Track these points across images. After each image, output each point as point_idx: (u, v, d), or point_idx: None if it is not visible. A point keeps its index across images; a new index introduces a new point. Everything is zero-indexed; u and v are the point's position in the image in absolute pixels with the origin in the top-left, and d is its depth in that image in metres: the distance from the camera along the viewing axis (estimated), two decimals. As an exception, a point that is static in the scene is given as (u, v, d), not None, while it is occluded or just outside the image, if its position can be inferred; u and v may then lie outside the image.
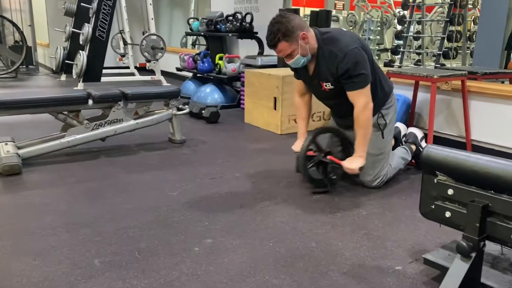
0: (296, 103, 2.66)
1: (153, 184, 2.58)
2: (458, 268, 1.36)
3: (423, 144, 2.86)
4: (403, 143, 2.96)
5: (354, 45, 2.22)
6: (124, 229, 1.99)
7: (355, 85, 2.25)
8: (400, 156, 2.71)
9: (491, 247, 1.49)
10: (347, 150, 2.50)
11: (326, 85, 2.35)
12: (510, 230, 1.30)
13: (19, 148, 2.88)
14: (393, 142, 2.94)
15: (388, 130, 2.51)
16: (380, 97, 2.45)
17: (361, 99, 2.26)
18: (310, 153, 2.44)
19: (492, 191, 1.34)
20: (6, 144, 2.87)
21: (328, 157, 2.44)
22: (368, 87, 2.27)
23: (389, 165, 2.58)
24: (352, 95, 2.28)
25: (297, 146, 2.51)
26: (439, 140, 3.25)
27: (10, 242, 1.86)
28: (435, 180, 1.49)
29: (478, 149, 3.10)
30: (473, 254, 1.36)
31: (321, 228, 2.04)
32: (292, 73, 2.65)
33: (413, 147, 2.84)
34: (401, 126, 3.02)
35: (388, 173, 2.56)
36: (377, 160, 2.48)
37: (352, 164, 2.32)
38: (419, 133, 2.90)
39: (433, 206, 1.51)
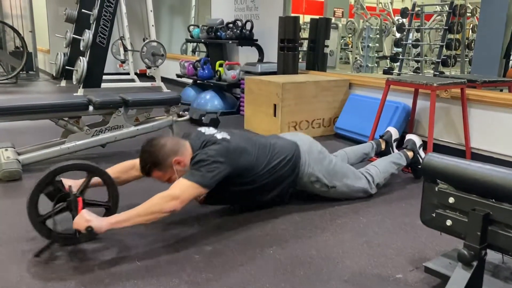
0: (123, 164, 2.25)
1: (152, 191, 2.54)
2: (460, 277, 1.36)
3: (421, 151, 2.86)
4: (394, 147, 2.96)
5: (216, 153, 1.97)
6: (124, 236, 1.98)
7: (188, 175, 1.92)
8: (391, 161, 2.67)
9: (492, 256, 1.49)
10: (113, 200, 2.00)
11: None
12: (511, 238, 1.30)
13: (19, 154, 2.88)
14: (383, 146, 2.94)
15: (331, 178, 2.34)
16: (289, 176, 2.25)
17: (176, 190, 1.87)
18: (67, 187, 1.87)
19: (493, 200, 1.35)
20: (6, 150, 2.87)
21: (78, 198, 1.85)
22: (196, 189, 1.89)
23: (376, 168, 2.55)
24: (178, 181, 1.91)
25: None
26: (439, 148, 3.26)
27: (9, 248, 1.86)
28: (436, 188, 1.49)
29: (478, 157, 3.11)
30: (475, 263, 1.36)
31: (321, 235, 2.04)
32: (292, 80, 2.64)
33: (410, 153, 2.82)
34: (392, 130, 3.02)
35: (375, 177, 2.51)
36: (353, 193, 2.45)
37: (84, 216, 1.72)
38: (417, 140, 2.90)
39: (434, 214, 1.51)
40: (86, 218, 1.71)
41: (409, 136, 2.94)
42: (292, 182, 2.29)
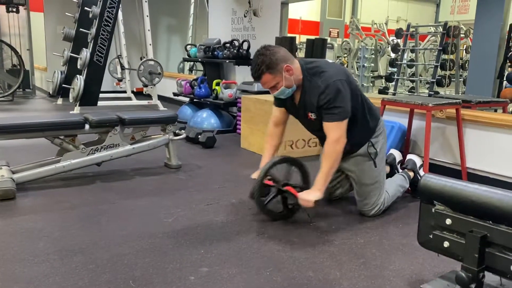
0: (269, 131, 2.59)
1: (148, 210, 2.55)
2: (458, 300, 1.35)
3: (421, 172, 2.87)
4: (399, 169, 2.97)
5: (337, 77, 2.22)
6: (119, 256, 1.96)
7: (331, 117, 2.23)
8: (398, 184, 2.70)
9: (489, 278, 1.48)
10: (307, 181, 2.44)
11: (311, 115, 2.35)
12: (509, 261, 1.30)
13: (13, 172, 2.86)
14: (388, 169, 2.95)
15: (379, 158, 2.51)
16: (369, 126, 2.46)
17: (334, 132, 2.23)
18: (269, 182, 2.36)
19: (491, 222, 1.34)
20: (1, 168, 2.85)
21: (286, 187, 2.34)
22: (345, 122, 2.24)
23: (386, 192, 2.58)
24: (327, 127, 2.25)
25: (257, 175, 2.39)
26: (435, 168, 3.26)
27: (1, 269, 1.82)
28: (433, 210, 1.49)
29: (474, 177, 3.11)
30: (473, 286, 1.35)
31: (318, 256, 2.02)
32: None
33: (411, 174, 2.84)
34: (396, 153, 3.03)
35: (386, 201, 2.55)
36: (372, 189, 2.48)
37: (308, 196, 2.21)
38: (418, 161, 2.91)
39: (431, 236, 1.50)
40: (307, 199, 2.19)
41: (409, 156, 2.96)
42: (372, 132, 2.47)
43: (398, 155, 3.02)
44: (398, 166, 2.99)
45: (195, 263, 1.92)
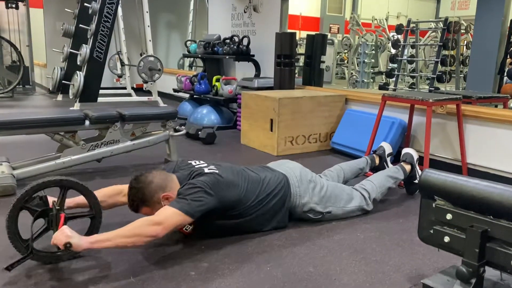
0: (113, 187, 2.20)
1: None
2: (458, 295, 1.35)
3: (417, 166, 2.87)
4: (388, 162, 2.96)
5: (202, 184, 1.94)
6: (118, 252, 1.96)
7: (174, 202, 1.89)
8: (387, 175, 2.66)
9: (490, 273, 1.48)
10: (94, 227, 1.96)
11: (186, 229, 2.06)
12: (509, 256, 1.30)
13: (14, 168, 2.86)
14: (377, 161, 2.94)
15: (324, 205, 2.32)
16: (280, 208, 2.23)
17: (161, 216, 1.83)
18: (50, 199, 1.86)
19: (491, 216, 1.34)
20: (1, 164, 2.85)
21: (61, 214, 1.81)
22: (181, 217, 1.84)
23: (372, 183, 2.54)
24: (163, 208, 1.89)
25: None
26: (435, 164, 3.26)
27: (2, 266, 1.82)
28: (434, 205, 1.49)
29: (474, 172, 3.11)
30: (473, 280, 1.35)
31: (318, 252, 2.02)
32: (288, 95, 2.65)
33: (408, 167, 2.81)
34: (386, 145, 3.02)
35: (371, 192, 2.50)
36: (349, 213, 2.43)
37: (64, 233, 1.68)
38: (415, 154, 2.90)
39: (431, 231, 1.50)
40: (66, 234, 1.66)
41: (406, 150, 2.94)
42: (283, 218, 2.24)
43: (388, 148, 3.01)
44: (388, 159, 2.97)
45: (196, 258, 1.92)
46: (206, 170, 2.07)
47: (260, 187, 2.16)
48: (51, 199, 1.88)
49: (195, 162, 2.19)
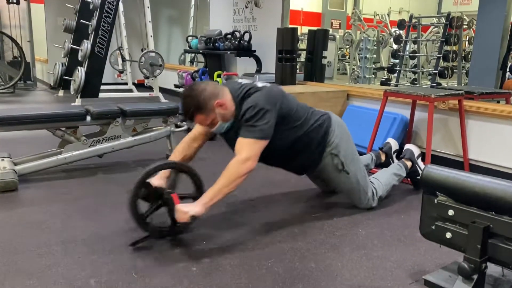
0: (183, 142, 2.31)
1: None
2: (460, 291, 1.35)
3: (420, 161, 2.86)
4: (394, 159, 2.95)
5: (263, 99, 2.07)
6: (121, 247, 1.96)
7: (248, 133, 2.03)
8: (392, 172, 2.67)
9: (491, 269, 1.48)
10: (200, 193, 2.08)
11: None
12: (511, 251, 1.29)
13: (15, 164, 2.86)
14: (383, 157, 2.94)
15: (349, 162, 2.36)
16: (319, 140, 2.31)
17: (246, 151, 2.00)
18: (157, 184, 2.02)
19: (493, 213, 1.34)
20: (3, 160, 2.85)
21: (172, 194, 1.99)
22: (261, 143, 2.03)
23: (378, 181, 2.55)
24: (240, 143, 2.04)
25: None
26: (437, 159, 3.26)
27: (4, 261, 1.83)
28: (436, 201, 1.48)
29: (476, 168, 3.10)
30: (475, 276, 1.35)
31: (320, 248, 2.02)
32: (290, 90, 2.64)
33: (409, 163, 2.81)
34: (392, 142, 3.02)
35: (378, 190, 2.52)
36: (357, 192, 2.44)
37: (183, 209, 1.90)
38: (416, 150, 2.89)
39: (433, 227, 1.50)
40: (184, 211, 1.89)
41: (407, 146, 2.94)
42: (321, 148, 2.32)
43: (394, 144, 3.00)
44: (394, 156, 2.97)
45: (197, 254, 1.93)
46: (259, 85, 2.18)
47: (308, 111, 2.32)
48: (154, 183, 2.03)
49: (240, 80, 2.31)
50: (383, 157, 2.93)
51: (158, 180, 2.05)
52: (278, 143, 2.18)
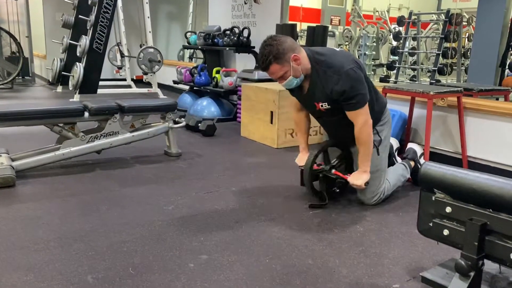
0: (295, 117, 2.67)
1: (148, 198, 2.55)
2: (457, 287, 1.35)
3: (422, 160, 2.86)
4: (396, 158, 2.96)
5: (349, 65, 2.22)
6: (118, 244, 1.96)
7: (353, 106, 2.26)
8: (399, 174, 2.69)
9: (488, 266, 1.48)
10: (349, 165, 2.58)
11: (322, 105, 2.35)
12: (508, 249, 1.29)
13: (13, 160, 2.86)
14: None
15: (383, 146, 2.51)
16: (375, 113, 2.45)
17: (360, 118, 2.28)
18: (315, 167, 2.48)
19: (491, 210, 1.33)
20: (1, 156, 2.84)
21: (333, 171, 2.48)
22: (367, 105, 2.29)
23: (388, 181, 2.57)
24: (351, 115, 2.30)
25: (301, 160, 2.58)
26: (435, 156, 3.26)
27: (1, 256, 1.83)
28: (433, 198, 1.48)
29: (474, 165, 3.11)
30: (472, 273, 1.34)
31: (317, 244, 2.02)
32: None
33: (412, 163, 2.83)
34: (392, 140, 3.02)
35: (386, 190, 2.55)
36: (373, 178, 2.47)
37: (358, 180, 2.35)
38: (418, 150, 2.89)
39: (431, 224, 1.50)
40: (359, 182, 2.34)
41: (410, 145, 2.95)
42: (377, 118, 2.48)
43: (395, 143, 3.01)
44: (396, 154, 2.98)
45: (195, 250, 1.92)
46: (334, 49, 2.44)
47: (371, 83, 2.47)
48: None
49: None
50: None
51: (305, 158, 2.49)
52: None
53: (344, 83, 2.20)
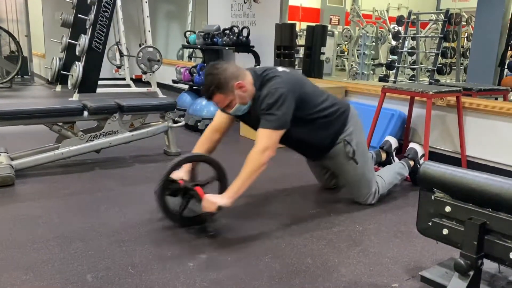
0: (204, 135, 2.38)
1: (147, 197, 2.54)
2: (456, 287, 1.35)
3: (422, 161, 2.86)
4: (394, 157, 2.96)
5: (282, 85, 2.10)
6: (118, 243, 1.96)
7: (266, 123, 2.09)
8: (396, 172, 2.70)
9: (488, 265, 1.48)
10: (224, 185, 2.18)
11: None
12: (507, 248, 1.30)
13: (12, 159, 2.85)
14: (384, 156, 2.94)
15: (359, 153, 2.40)
16: (335, 128, 2.36)
17: (264, 141, 2.07)
18: (181, 181, 2.11)
19: (490, 209, 1.34)
20: (0, 155, 2.84)
21: (195, 187, 2.08)
22: (278, 132, 2.09)
23: (382, 179, 2.57)
24: (259, 133, 2.11)
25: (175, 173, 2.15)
26: (434, 156, 3.26)
27: (0, 255, 1.83)
28: (432, 197, 1.48)
29: (473, 165, 3.11)
30: (471, 273, 1.35)
31: (316, 243, 2.02)
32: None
33: (412, 163, 2.83)
34: (391, 140, 3.02)
35: (381, 188, 2.54)
36: (360, 184, 2.45)
37: (210, 200, 1.99)
38: (420, 150, 2.89)
39: (430, 223, 1.50)
40: (212, 201, 1.97)
41: (411, 145, 2.94)
42: (338, 132, 2.36)
43: (394, 142, 3.01)
44: (394, 153, 2.98)
45: (194, 249, 1.92)
46: (279, 69, 2.24)
47: (325, 96, 2.36)
48: (176, 177, 2.12)
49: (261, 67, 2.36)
50: (383, 156, 2.93)
51: (180, 173, 2.13)
52: (297, 126, 2.22)
53: (269, 99, 2.08)
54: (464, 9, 7.72)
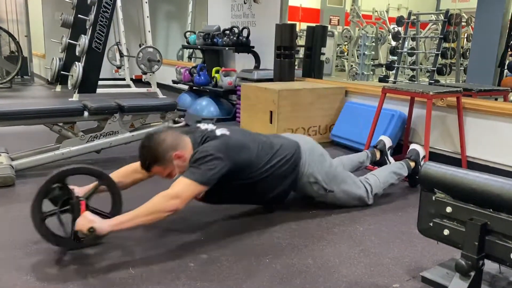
0: (126, 167, 2.21)
1: (148, 198, 2.54)
2: (457, 287, 1.35)
3: (423, 163, 2.85)
4: (389, 156, 2.95)
5: (214, 149, 1.96)
6: (118, 243, 1.96)
7: (188, 173, 1.91)
8: (392, 171, 2.66)
9: (489, 265, 1.48)
10: (117, 207, 2.00)
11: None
12: (509, 249, 1.30)
13: (12, 159, 2.85)
14: (378, 155, 2.93)
15: (329, 182, 2.32)
16: (293, 176, 2.25)
17: (178, 188, 1.86)
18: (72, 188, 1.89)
19: (491, 210, 1.34)
20: (0, 155, 2.84)
21: (81, 201, 1.84)
22: (197, 187, 1.89)
23: (376, 178, 2.54)
24: (177, 180, 1.91)
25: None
26: (435, 156, 3.26)
27: (1, 256, 1.83)
28: (433, 198, 1.48)
29: (474, 165, 3.11)
30: (472, 273, 1.35)
31: (317, 244, 2.03)
32: (288, 87, 2.63)
33: (413, 164, 2.80)
34: (385, 139, 3.00)
35: (374, 188, 2.50)
36: (347, 201, 2.44)
37: (88, 218, 1.74)
38: (422, 151, 2.87)
39: (431, 224, 1.50)
40: (89, 219, 1.72)
41: (413, 146, 2.92)
42: (292, 183, 2.27)
43: (388, 141, 2.99)
44: (389, 152, 2.96)
45: (195, 250, 1.92)
46: (217, 133, 2.09)
47: (272, 151, 2.19)
48: (71, 187, 1.90)
49: (203, 126, 2.19)
50: (378, 155, 2.93)
51: (78, 188, 1.92)
52: (240, 188, 2.13)
53: (197, 155, 1.94)
54: (464, 10, 7.72)
